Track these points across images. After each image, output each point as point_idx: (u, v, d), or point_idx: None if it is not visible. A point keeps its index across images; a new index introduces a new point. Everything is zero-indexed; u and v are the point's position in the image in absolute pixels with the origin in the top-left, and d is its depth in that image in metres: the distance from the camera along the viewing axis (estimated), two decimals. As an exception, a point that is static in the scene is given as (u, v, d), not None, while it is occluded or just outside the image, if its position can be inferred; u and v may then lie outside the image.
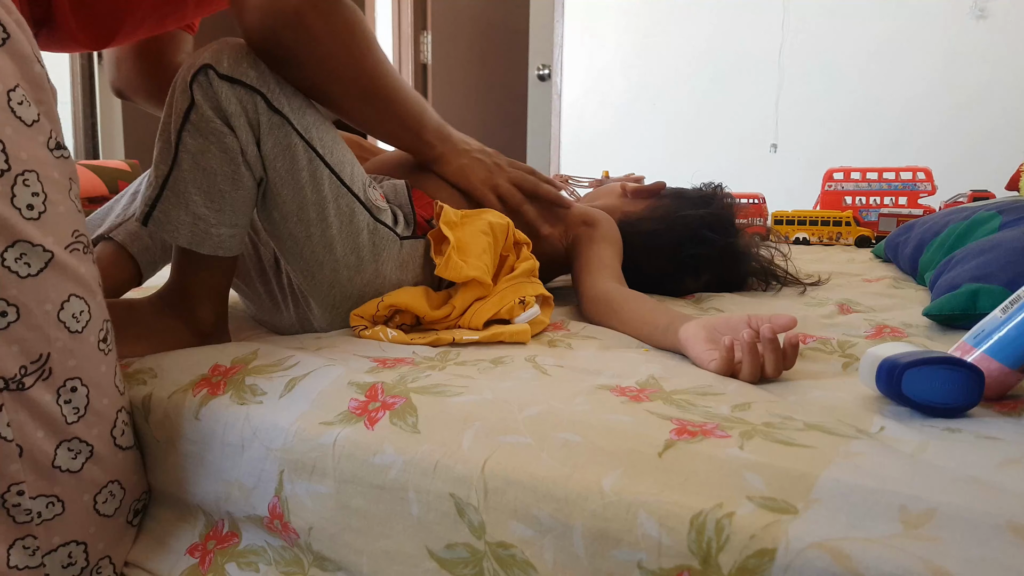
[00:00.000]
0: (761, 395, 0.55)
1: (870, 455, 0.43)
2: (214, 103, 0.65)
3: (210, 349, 0.67)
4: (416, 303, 0.73)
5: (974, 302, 0.74)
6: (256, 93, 0.66)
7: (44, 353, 0.52)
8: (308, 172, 0.68)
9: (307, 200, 0.69)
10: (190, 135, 0.65)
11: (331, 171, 0.70)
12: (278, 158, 0.68)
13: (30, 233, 0.51)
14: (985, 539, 0.35)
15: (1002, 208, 1.05)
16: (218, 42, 0.67)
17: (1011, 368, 0.52)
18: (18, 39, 0.51)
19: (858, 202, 1.83)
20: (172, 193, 0.66)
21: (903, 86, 2.52)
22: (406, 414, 0.52)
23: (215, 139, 0.65)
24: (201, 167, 0.66)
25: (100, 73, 3.54)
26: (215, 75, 0.65)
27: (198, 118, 0.65)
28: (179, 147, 0.66)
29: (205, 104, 0.65)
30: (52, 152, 0.53)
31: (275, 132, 0.67)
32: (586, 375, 0.60)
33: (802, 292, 1.01)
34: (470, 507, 0.46)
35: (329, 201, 0.70)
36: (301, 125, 0.68)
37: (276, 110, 0.67)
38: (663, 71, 2.90)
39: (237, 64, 0.65)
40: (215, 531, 0.60)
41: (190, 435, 0.60)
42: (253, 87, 0.66)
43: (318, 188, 0.69)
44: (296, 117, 0.68)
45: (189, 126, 0.65)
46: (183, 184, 0.66)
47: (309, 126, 0.69)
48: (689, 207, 1.03)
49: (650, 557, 0.40)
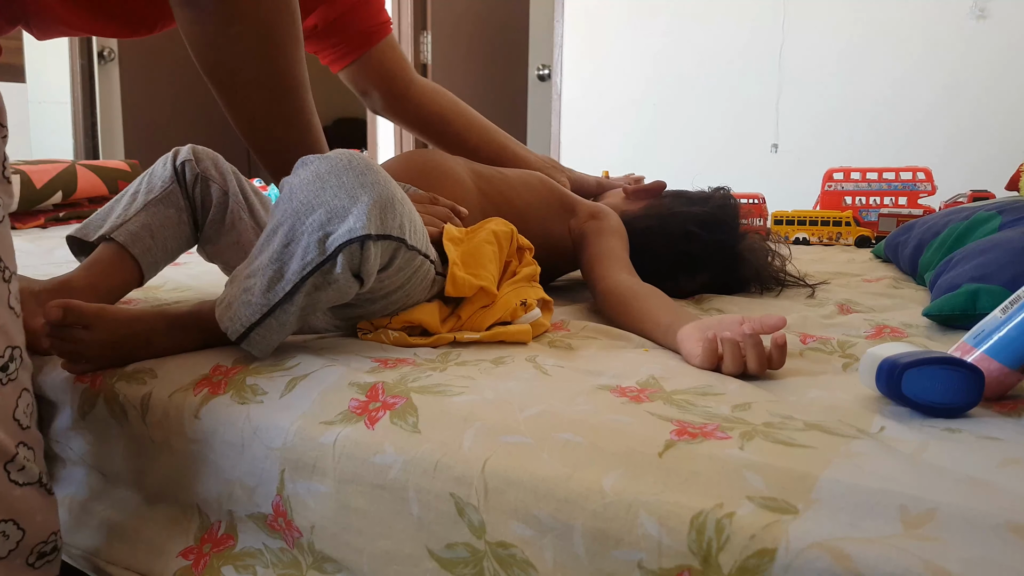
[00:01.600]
0: (761, 395, 0.55)
1: (870, 455, 0.43)
2: (356, 265, 0.61)
3: (211, 349, 0.67)
4: (429, 319, 0.71)
5: (974, 302, 0.74)
6: (400, 241, 0.62)
7: None
8: (421, 275, 0.68)
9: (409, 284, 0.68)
10: (315, 286, 0.61)
11: (431, 263, 0.69)
12: (399, 275, 0.66)
13: None
14: (985, 539, 0.35)
15: (1002, 208, 1.05)
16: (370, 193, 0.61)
17: (1011, 368, 0.52)
18: None
19: (858, 202, 1.82)
20: (277, 322, 0.62)
21: (902, 86, 2.52)
22: (407, 414, 0.52)
23: (337, 296, 0.63)
24: (313, 304, 0.62)
25: (100, 73, 3.54)
26: (371, 244, 0.60)
27: (331, 280, 0.61)
28: (299, 289, 0.61)
29: (348, 269, 0.60)
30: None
31: (406, 263, 0.65)
32: (587, 375, 0.60)
33: (811, 295, 1.00)
34: (470, 507, 0.46)
35: (422, 276, 0.69)
36: (422, 245, 0.67)
37: (412, 248, 0.64)
38: (663, 71, 2.90)
39: (388, 219, 0.61)
40: (210, 533, 0.60)
41: (191, 434, 0.60)
42: (399, 237, 0.62)
43: (417, 274, 0.68)
44: (423, 246, 0.67)
45: (316, 278, 0.60)
46: (289, 317, 0.62)
47: (420, 236, 0.67)
48: (685, 206, 1.03)
49: (650, 557, 0.40)
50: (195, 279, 1.10)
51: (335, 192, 0.60)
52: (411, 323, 0.71)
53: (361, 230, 0.59)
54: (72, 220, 1.85)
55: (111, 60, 3.57)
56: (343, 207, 0.60)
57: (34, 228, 1.73)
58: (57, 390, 0.68)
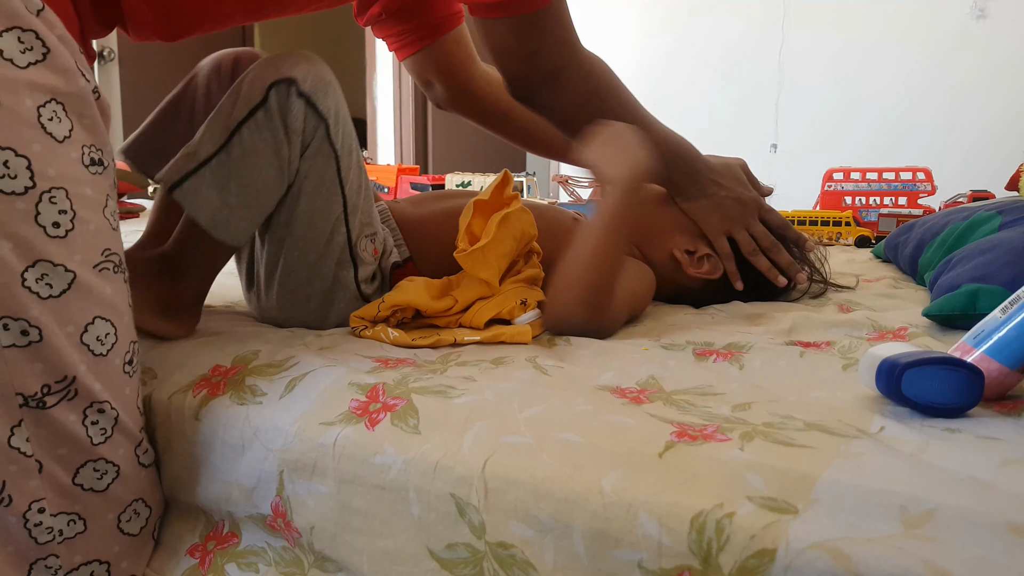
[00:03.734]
0: (761, 395, 0.55)
1: (870, 455, 0.43)
2: (283, 113, 0.68)
3: (210, 349, 0.67)
4: (417, 298, 0.73)
5: (974, 302, 0.74)
6: (322, 120, 0.70)
7: (69, 375, 0.51)
8: (324, 200, 0.73)
9: (313, 209, 0.73)
10: (249, 131, 0.67)
11: (344, 210, 0.74)
12: (309, 179, 0.72)
13: (52, 252, 0.50)
14: (985, 539, 0.35)
15: (1002, 208, 1.05)
16: (309, 59, 0.70)
17: (1011, 368, 0.52)
18: (59, 54, 0.51)
19: (858, 202, 1.82)
20: (211, 174, 0.67)
21: (903, 86, 2.52)
22: (407, 415, 0.52)
23: (272, 144, 0.68)
24: (248, 163, 0.68)
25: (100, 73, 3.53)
26: (295, 91, 0.68)
27: (265, 120, 0.67)
28: (234, 136, 0.67)
29: (276, 111, 0.67)
30: (88, 168, 0.52)
31: (320, 159, 0.71)
32: (587, 376, 0.60)
33: (814, 295, 0.98)
34: (471, 507, 0.46)
35: (323, 232, 0.74)
36: (344, 164, 0.73)
37: (331, 143, 0.71)
38: (663, 71, 2.90)
39: (317, 87, 0.69)
40: (215, 531, 0.60)
41: (190, 436, 0.60)
42: (323, 115, 0.70)
43: (326, 216, 0.73)
44: (344, 156, 0.73)
45: (252, 122, 0.67)
46: (225, 170, 0.68)
47: (349, 166, 0.74)
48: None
49: (650, 557, 0.40)
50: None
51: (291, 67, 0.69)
52: (400, 305, 0.72)
53: (292, 78, 0.68)
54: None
55: (111, 60, 3.57)
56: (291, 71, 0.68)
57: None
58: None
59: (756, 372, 0.63)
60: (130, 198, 2.41)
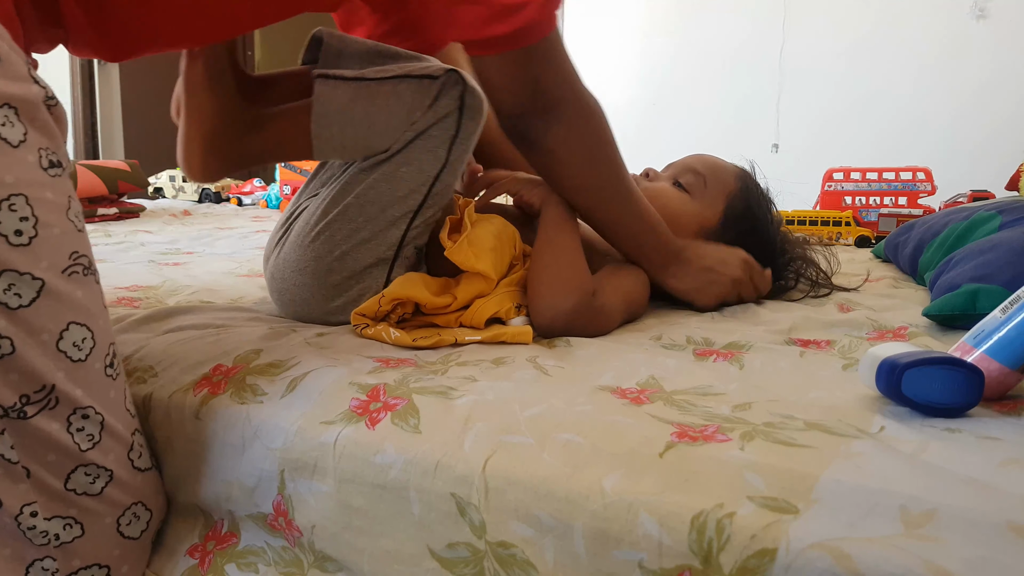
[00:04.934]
0: (761, 395, 0.56)
1: (870, 455, 0.43)
2: (440, 93, 0.73)
3: (212, 348, 0.67)
4: (417, 292, 0.74)
5: (974, 302, 0.74)
6: (458, 127, 0.74)
7: (47, 384, 0.50)
8: (408, 188, 0.75)
9: (384, 199, 0.75)
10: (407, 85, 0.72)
11: (418, 207, 0.76)
12: (410, 164, 0.74)
13: (17, 261, 0.48)
14: (985, 539, 0.35)
15: (1002, 208, 1.05)
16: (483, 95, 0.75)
17: (1011, 368, 0.52)
18: (11, 62, 0.49)
19: (858, 202, 1.82)
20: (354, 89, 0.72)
21: (903, 86, 2.53)
22: (408, 415, 0.52)
23: (411, 104, 0.72)
24: (385, 103, 0.72)
25: (100, 73, 3.54)
26: (462, 89, 0.73)
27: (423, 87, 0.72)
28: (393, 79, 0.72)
29: (438, 87, 0.72)
30: (46, 171, 0.51)
31: (428, 153, 0.74)
32: (587, 376, 0.61)
33: (828, 293, 0.98)
34: (471, 507, 0.46)
35: (389, 217, 0.75)
36: (446, 172, 0.75)
37: (449, 147, 0.74)
38: (663, 71, 2.90)
39: (477, 104, 0.74)
40: (214, 531, 0.60)
41: (191, 434, 0.60)
42: (461, 123, 0.74)
43: (399, 204, 0.75)
44: (450, 166, 0.75)
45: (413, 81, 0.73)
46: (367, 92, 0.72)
47: (447, 178, 0.76)
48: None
49: (651, 557, 0.40)
50: (195, 279, 1.10)
51: None
52: (401, 299, 0.72)
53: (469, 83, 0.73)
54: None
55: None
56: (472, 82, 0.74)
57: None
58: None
59: (756, 372, 0.63)
60: (130, 198, 2.41)
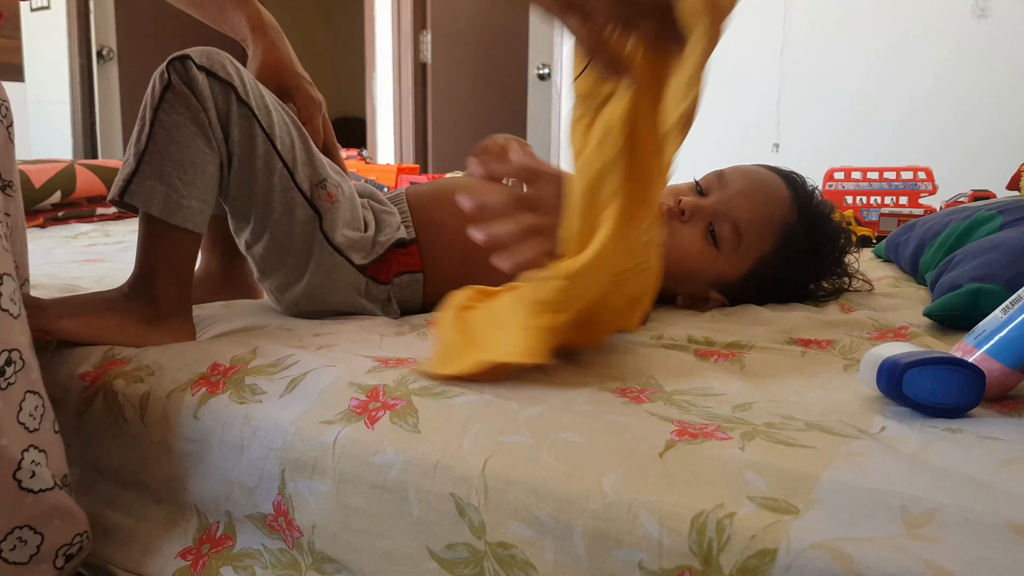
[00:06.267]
0: (762, 395, 0.55)
1: (871, 455, 0.43)
2: (190, 85, 0.71)
3: (209, 347, 0.67)
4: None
5: (975, 302, 0.74)
6: (228, 85, 0.73)
7: None
8: (263, 161, 0.75)
9: (258, 185, 0.76)
10: (165, 112, 0.71)
11: (284, 165, 0.77)
12: (242, 144, 0.74)
13: None
14: (986, 539, 0.35)
15: (1003, 208, 1.05)
16: (201, 48, 0.74)
17: (1012, 368, 0.52)
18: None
19: (858, 202, 1.82)
20: (148, 166, 0.71)
21: (904, 86, 2.52)
22: (407, 415, 0.52)
23: (189, 113, 0.71)
24: (174, 140, 0.71)
25: (99, 72, 3.53)
26: (192, 64, 0.71)
27: (173, 96, 0.71)
28: (155, 124, 0.71)
29: (182, 85, 0.71)
30: None
31: (241, 122, 0.74)
32: (587, 375, 0.60)
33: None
34: (470, 507, 0.46)
35: (276, 190, 0.76)
36: (265, 121, 0.75)
37: (244, 102, 0.74)
38: (663, 71, 2.89)
39: (213, 60, 0.73)
40: (208, 534, 0.60)
41: (189, 434, 0.60)
42: (226, 80, 0.73)
43: (269, 176, 0.76)
44: (262, 114, 0.75)
45: (165, 104, 0.71)
46: (158, 157, 0.71)
47: (271, 123, 0.76)
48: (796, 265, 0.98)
49: (651, 557, 0.40)
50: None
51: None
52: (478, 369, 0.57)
53: (185, 55, 0.71)
54: (71, 220, 1.84)
55: (110, 59, 3.57)
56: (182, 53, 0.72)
57: (33, 228, 1.73)
58: (54, 388, 0.68)
59: (757, 372, 0.63)
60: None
